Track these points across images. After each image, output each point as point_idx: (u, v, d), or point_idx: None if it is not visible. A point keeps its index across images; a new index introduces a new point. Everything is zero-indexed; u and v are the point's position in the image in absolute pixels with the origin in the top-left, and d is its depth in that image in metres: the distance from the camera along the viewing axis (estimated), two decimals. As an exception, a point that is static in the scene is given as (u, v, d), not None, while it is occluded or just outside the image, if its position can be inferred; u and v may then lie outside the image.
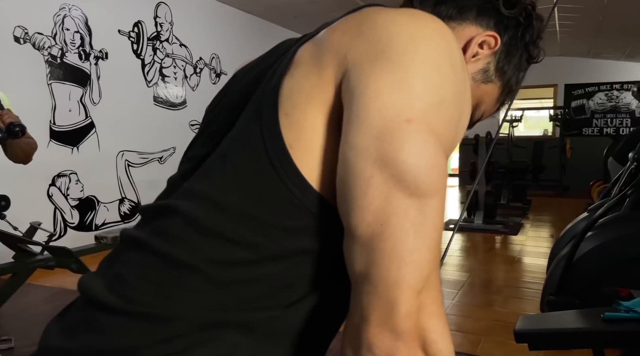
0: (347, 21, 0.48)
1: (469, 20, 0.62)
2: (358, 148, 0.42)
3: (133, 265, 0.49)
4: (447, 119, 0.44)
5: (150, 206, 0.55)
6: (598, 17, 5.87)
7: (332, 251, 0.47)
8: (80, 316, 0.51)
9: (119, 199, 4.45)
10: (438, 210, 0.42)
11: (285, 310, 0.48)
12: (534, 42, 0.65)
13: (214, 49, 5.56)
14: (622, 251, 2.11)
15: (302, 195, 0.45)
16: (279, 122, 0.45)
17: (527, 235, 5.03)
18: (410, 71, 0.42)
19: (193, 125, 5.30)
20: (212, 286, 0.46)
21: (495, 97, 0.67)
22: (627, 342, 1.56)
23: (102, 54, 4.21)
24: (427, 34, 0.44)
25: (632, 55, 7.99)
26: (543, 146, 7.40)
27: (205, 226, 0.46)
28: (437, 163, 0.42)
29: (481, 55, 0.62)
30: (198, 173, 0.51)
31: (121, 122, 4.41)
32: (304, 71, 0.46)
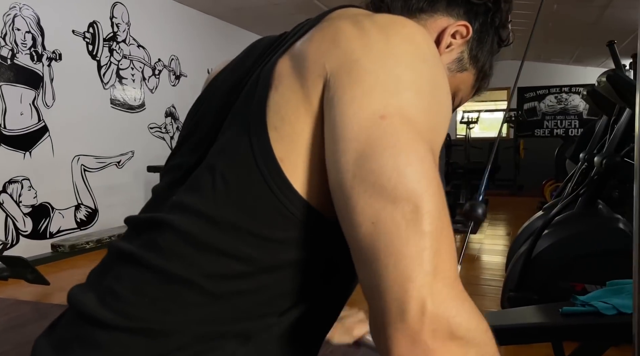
0: (322, 32, 0.49)
1: (440, 12, 0.63)
2: (338, 156, 0.42)
3: (127, 280, 0.49)
4: (425, 108, 0.44)
5: (140, 218, 0.54)
6: (548, 23, 6.13)
7: (323, 259, 0.48)
8: (73, 332, 0.50)
9: (74, 205, 4.29)
10: (429, 197, 0.40)
11: (279, 317, 0.49)
12: (504, 25, 0.68)
13: (173, 51, 5.45)
14: (576, 248, 2.21)
15: (295, 207, 0.46)
16: (269, 136, 0.46)
17: (485, 234, 5.19)
18: (383, 73, 0.44)
19: (152, 128, 5.18)
20: (209, 299, 0.46)
21: (471, 83, 0.69)
22: (584, 335, 1.64)
23: (55, 55, 4.05)
24: (397, 40, 0.46)
25: (579, 60, 8.39)
26: (498, 147, 7.66)
27: (201, 240, 0.46)
28: (417, 154, 0.41)
29: (454, 45, 0.64)
30: (187, 186, 0.51)
31: (76, 125, 4.25)
32: (287, 84, 0.47)
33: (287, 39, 0.54)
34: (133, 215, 0.57)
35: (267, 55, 0.54)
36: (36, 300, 2.96)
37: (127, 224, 0.57)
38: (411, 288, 0.38)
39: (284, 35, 0.57)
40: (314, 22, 0.53)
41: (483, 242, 4.81)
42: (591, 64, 8.44)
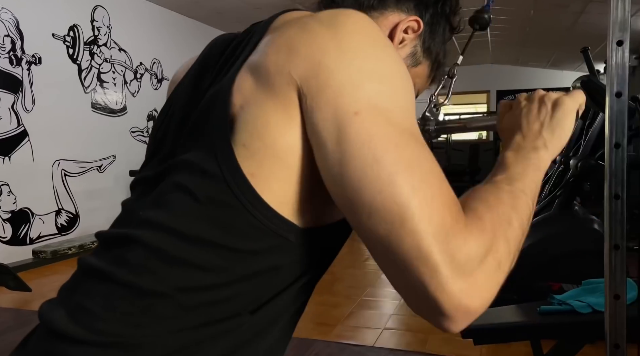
0: (275, 43, 0.49)
1: (390, 8, 0.64)
2: (326, 159, 0.45)
3: (97, 296, 0.49)
4: (390, 93, 0.46)
5: (110, 233, 0.55)
6: (525, 28, 6.27)
7: (294, 264, 0.50)
8: (44, 348, 0.51)
9: (55, 210, 4.24)
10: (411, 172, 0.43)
11: (252, 315, 0.51)
12: (454, 12, 0.69)
13: (155, 54, 5.43)
14: (553, 249, 2.28)
15: (267, 220, 0.47)
16: (235, 155, 0.47)
17: (466, 235, 5.27)
18: (346, 69, 0.46)
19: (134, 132, 5.15)
20: (182, 311, 0.48)
21: (426, 74, 0.70)
22: (561, 333, 1.69)
23: (35, 59, 4.01)
24: (345, 32, 0.47)
25: (555, 64, 8.59)
26: (478, 149, 7.79)
27: (172, 255, 0.48)
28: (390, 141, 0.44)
29: (407, 40, 0.65)
30: (152, 201, 0.51)
31: (57, 130, 4.21)
32: (255, 101, 0.48)
33: (240, 48, 0.54)
34: (103, 230, 0.57)
35: (223, 66, 0.55)
36: (17, 307, 2.92)
37: (97, 239, 0.57)
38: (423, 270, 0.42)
39: (235, 41, 0.57)
40: (262, 30, 0.54)
41: (464, 243, 4.89)
42: (567, 68, 8.64)
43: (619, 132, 0.92)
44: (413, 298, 0.44)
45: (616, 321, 0.94)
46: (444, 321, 0.43)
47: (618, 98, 0.91)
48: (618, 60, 0.91)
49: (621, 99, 0.91)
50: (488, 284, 0.44)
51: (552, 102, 0.64)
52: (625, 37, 0.90)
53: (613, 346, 0.95)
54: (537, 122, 0.63)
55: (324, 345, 2.30)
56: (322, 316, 2.59)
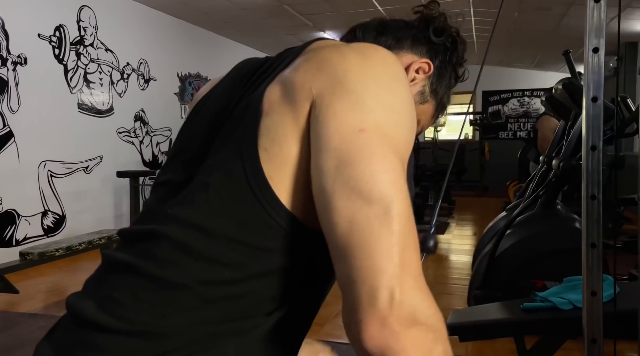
0: (308, 61, 0.55)
1: (405, 49, 0.72)
2: (321, 165, 0.48)
3: (124, 287, 0.53)
4: (397, 124, 0.50)
5: (134, 230, 0.59)
6: (510, 30, 6.36)
7: (306, 265, 0.54)
8: (73, 337, 0.54)
9: (41, 212, 4.21)
10: (399, 201, 0.45)
11: (267, 317, 0.54)
12: (460, 63, 0.77)
13: (142, 55, 5.40)
14: (536, 247, 2.33)
15: (282, 220, 0.51)
16: (259, 157, 0.51)
17: (453, 234, 5.34)
18: (362, 93, 0.50)
19: (121, 133, 5.12)
20: (202, 303, 0.51)
21: (431, 113, 0.77)
22: (543, 329, 1.74)
23: (20, 59, 3.97)
24: (373, 62, 0.53)
25: (539, 65, 8.71)
26: (464, 149, 7.87)
27: (195, 250, 0.51)
28: (390, 164, 0.47)
29: (418, 80, 0.72)
30: (180, 200, 0.55)
31: (43, 130, 4.17)
32: (278, 110, 0.52)
33: (272, 67, 0.59)
34: (126, 227, 0.61)
35: (254, 82, 0.59)
36: (4, 309, 2.90)
37: (120, 236, 0.61)
38: (382, 279, 0.43)
39: (268, 62, 0.62)
40: (297, 52, 0.59)
41: (451, 242, 4.95)
42: (551, 69, 8.78)
43: (595, 135, 0.96)
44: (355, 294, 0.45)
45: (593, 317, 0.98)
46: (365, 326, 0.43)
47: (594, 103, 0.95)
48: (594, 66, 0.95)
49: (597, 103, 0.95)
50: (417, 347, 0.43)
51: None
52: (600, 44, 0.94)
53: (590, 340, 0.99)
54: None
55: (313, 344, 2.32)
56: (311, 315, 2.62)
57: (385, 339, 0.42)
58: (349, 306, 0.45)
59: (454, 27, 0.74)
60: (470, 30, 6.50)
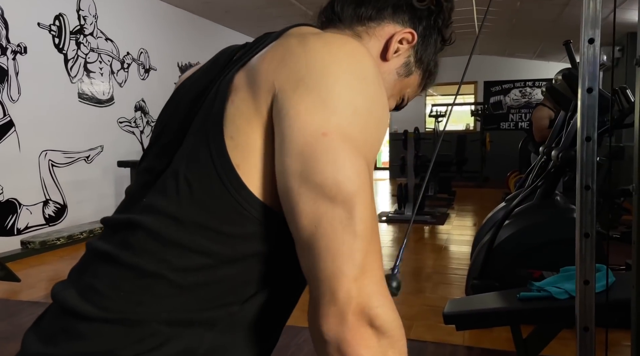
0: (273, 50, 0.54)
1: (386, 19, 0.68)
2: (286, 166, 0.48)
3: (104, 276, 0.54)
4: (362, 126, 0.49)
5: (115, 219, 0.60)
6: (512, 20, 6.32)
7: (279, 251, 0.54)
8: (57, 325, 0.55)
9: (42, 201, 4.23)
10: (362, 205, 0.47)
11: (242, 305, 0.55)
12: (446, 24, 0.72)
13: (143, 44, 5.39)
14: (534, 238, 2.34)
15: (251, 207, 0.52)
16: (225, 145, 0.51)
17: (452, 224, 5.35)
18: (324, 91, 0.49)
19: (121, 122, 5.12)
20: (177, 290, 0.52)
21: (418, 83, 0.74)
22: (539, 318, 1.76)
23: (20, 48, 3.97)
24: (338, 58, 0.51)
25: (541, 55, 8.67)
26: (465, 140, 7.86)
27: (168, 238, 0.52)
28: (354, 167, 0.47)
29: (401, 51, 0.68)
30: (155, 188, 0.56)
31: (43, 120, 4.18)
32: (241, 97, 0.52)
33: (248, 53, 0.58)
34: (108, 216, 0.61)
35: (228, 67, 0.59)
36: (6, 297, 2.93)
37: (103, 224, 0.62)
38: (343, 280, 0.45)
39: (246, 47, 0.62)
40: (273, 38, 0.58)
41: (451, 232, 4.97)
42: (553, 59, 8.73)
43: (589, 126, 0.96)
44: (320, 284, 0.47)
45: (585, 305, 0.99)
46: (324, 311, 0.46)
47: (589, 93, 0.96)
48: (589, 57, 0.95)
49: (592, 94, 0.95)
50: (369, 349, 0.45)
51: None
52: (596, 35, 0.94)
53: (583, 328, 1.00)
54: None
55: (312, 332, 2.35)
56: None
57: (343, 332, 0.45)
58: (314, 302, 0.48)
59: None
60: (472, 20, 6.46)
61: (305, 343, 2.25)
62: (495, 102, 9.47)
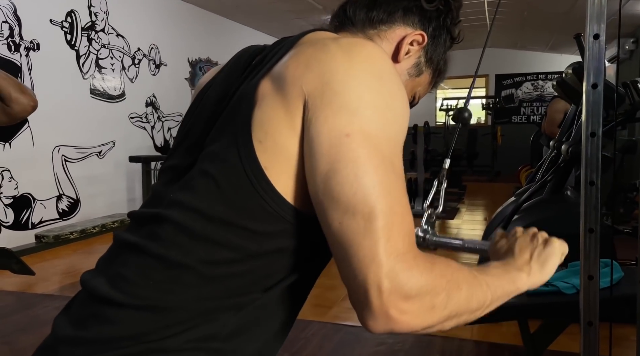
0: (297, 57, 0.57)
1: (397, 22, 0.70)
2: (314, 168, 0.51)
3: (133, 266, 0.58)
4: (382, 122, 0.52)
5: (142, 212, 0.63)
6: (523, 12, 6.25)
7: (301, 247, 0.57)
8: (88, 311, 0.59)
9: (56, 195, 4.30)
10: (383, 203, 0.49)
11: (264, 293, 0.58)
12: (455, 23, 0.75)
13: (153, 40, 5.43)
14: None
15: (278, 206, 0.55)
16: (254, 148, 0.54)
17: (463, 219, 5.34)
18: (347, 94, 0.52)
19: (133, 118, 5.17)
20: (204, 281, 0.55)
21: (428, 81, 0.77)
22: (547, 312, 1.76)
23: (33, 45, 4.02)
24: (358, 60, 0.54)
25: (554, 48, 8.56)
26: (476, 134, 7.82)
27: (196, 232, 0.55)
28: (373, 168, 0.50)
29: (412, 52, 0.71)
30: (182, 185, 0.59)
31: (56, 116, 4.24)
32: (270, 103, 0.55)
33: (268, 57, 0.62)
34: (135, 210, 0.65)
35: (251, 72, 0.62)
36: (21, 290, 2.99)
37: (130, 217, 0.66)
38: (370, 274, 0.48)
39: (265, 51, 0.65)
40: (291, 43, 0.61)
41: (461, 227, 4.96)
42: (566, 51, 8.62)
43: (594, 122, 0.96)
44: (354, 291, 0.50)
45: (589, 300, 0.99)
46: (368, 318, 0.49)
47: (594, 89, 0.96)
48: (594, 53, 0.95)
49: (597, 90, 0.95)
50: (417, 315, 0.49)
51: (543, 240, 0.72)
52: (601, 31, 0.94)
53: (587, 323, 1.00)
54: (527, 252, 0.69)
55: (320, 326, 2.37)
56: (319, 298, 2.65)
57: (386, 325, 0.48)
58: (351, 296, 0.51)
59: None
60: (483, 13, 6.40)
61: (314, 336, 2.27)
62: (507, 96, 9.39)
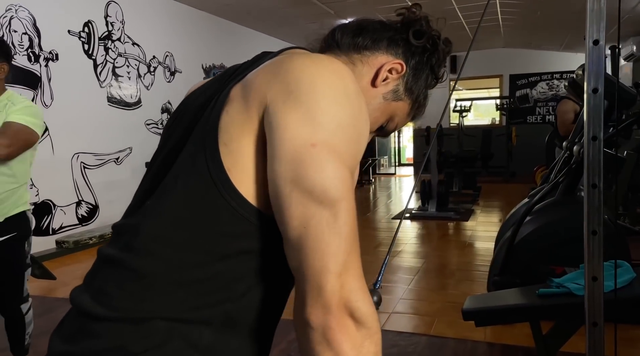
0: (268, 66, 0.60)
1: (381, 50, 0.73)
2: (278, 173, 0.53)
3: (111, 279, 0.61)
4: (346, 139, 0.55)
5: (121, 224, 0.66)
6: (537, 12, 6.22)
7: (265, 249, 0.59)
8: (75, 326, 0.62)
9: (75, 202, 4.40)
10: (346, 210, 0.52)
11: (235, 303, 0.60)
12: (440, 64, 0.77)
13: (168, 47, 5.53)
14: (556, 234, 2.33)
15: (241, 208, 0.57)
16: (219, 151, 0.57)
17: (477, 220, 5.31)
18: (312, 105, 0.54)
19: (149, 124, 5.27)
20: (175, 287, 0.58)
21: (407, 111, 0.78)
22: (558, 314, 1.76)
23: (52, 55, 4.13)
24: (324, 75, 0.56)
25: (569, 47, 8.48)
26: (491, 134, 7.77)
27: (167, 238, 0.58)
28: (339, 175, 0.53)
29: (390, 79, 0.73)
30: (156, 192, 0.62)
31: (75, 124, 4.34)
32: (236, 107, 0.58)
33: (247, 70, 0.64)
34: (117, 222, 0.67)
35: (229, 82, 0.64)
36: (43, 295, 3.07)
37: (113, 229, 0.68)
38: (329, 276, 0.51)
39: (245, 64, 0.68)
40: (267, 58, 0.64)
41: (475, 229, 4.94)
42: (581, 50, 8.51)
43: (595, 126, 0.98)
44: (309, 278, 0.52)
45: (594, 301, 1.01)
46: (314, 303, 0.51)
47: (595, 94, 0.97)
48: (595, 58, 0.97)
49: (597, 94, 0.97)
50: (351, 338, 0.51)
51: None
52: (601, 37, 0.96)
53: (591, 324, 1.02)
54: None
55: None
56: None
57: (328, 321, 0.51)
58: (301, 295, 0.53)
59: (436, 30, 0.75)
60: (496, 13, 6.38)
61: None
62: (521, 96, 9.31)
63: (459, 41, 9.23)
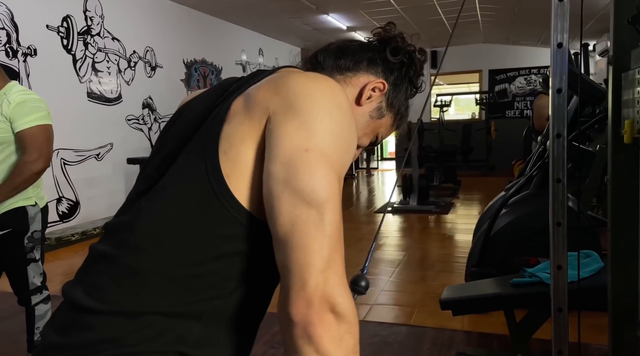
0: (269, 83, 0.66)
1: (362, 70, 0.79)
2: (272, 173, 0.58)
3: (105, 274, 0.64)
4: (337, 147, 0.60)
5: (115, 222, 0.70)
6: (514, 8, 6.33)
7: (256, 252, 0.64)
8: (68, 319, 0.66)
9: (56, 198, 4.36)
10: (332, 211, 0.57)
11: (224, 300, 0.65)
12: (417, 75, 0.83)
13: (148, 42, 5.49)
14: (529, 226, 2.42)
15: (235, 212, 0.61)
16: (219, 158, 0.62)
17: (457, 213, 5.42)
18: (308, 116, 0.60)
19: (130, 120, 5.24)
20: (169, 282, 0.62)
21: (390, 124, 0.84)
22: (530, 302, 1.84)
23: (30, 50, 4.08)
24: (320, 91, 0.63)
25: (546, 42, 8.63)
26: (471, 129, 7.90)
27: (162, 237, 0.62)
28: (328, 179, 0.57)
29: (374, 97, 0.79)
30: (152, 193, 0.66)
31: (54, 119, 4.21)
32: (238, 119, 0.63)
33: (245, 84, 0.69)
34: (110, 220, 0.71)
35: (228, 95, 0.69)
36: (25, 292, 3.06)
37: (104, 228, 0.72)
38: (312, 271, 0.54)
39: (242, 79, 0.73)
40: (265, 75, 0.70)
41: (455, 222, 5.04)
42: (558, 46, 8.69)
43: (560, 124, 1.04)
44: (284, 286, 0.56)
45: (559, 288, 1.08)
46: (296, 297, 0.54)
47: (559, 94, 1.03)
48: (558, 61, 1.03)
49: (561, 94, 1.03)
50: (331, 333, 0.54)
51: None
52: (564, 39, 1.02)
53: (557, 309, 1.09)
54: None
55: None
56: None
57: (309, 315, 0.54)
58: (285, 289, 0.56)
59: (411, 45, 0.81)
60: (475, 9, 6.47)
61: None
62: (500, 91, 9.46)
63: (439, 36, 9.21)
